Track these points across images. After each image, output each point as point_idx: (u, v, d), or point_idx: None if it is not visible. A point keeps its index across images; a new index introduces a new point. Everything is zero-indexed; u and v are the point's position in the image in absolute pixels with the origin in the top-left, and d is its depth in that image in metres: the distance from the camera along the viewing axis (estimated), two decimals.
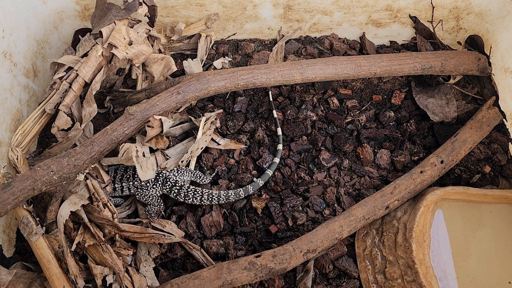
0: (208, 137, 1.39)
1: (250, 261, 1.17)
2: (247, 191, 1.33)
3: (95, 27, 1.36)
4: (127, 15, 1.34)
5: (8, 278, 1.16)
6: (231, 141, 1.43)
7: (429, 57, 1.43)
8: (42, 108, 1.31)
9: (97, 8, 1.37)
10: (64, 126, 1.30)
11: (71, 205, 1.20)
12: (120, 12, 1.34)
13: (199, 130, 1.38)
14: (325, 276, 1.30)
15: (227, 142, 1.42)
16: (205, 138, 1.38)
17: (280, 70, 1.35)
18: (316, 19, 1.57)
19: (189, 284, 1.14)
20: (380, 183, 1.42)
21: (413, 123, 1.50)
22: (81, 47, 1.35)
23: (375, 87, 1.56)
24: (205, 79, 1.31)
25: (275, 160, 1.39)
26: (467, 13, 1.53)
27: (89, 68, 1.29)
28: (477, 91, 1.56)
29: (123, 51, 1.31)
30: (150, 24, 1.44)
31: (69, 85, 1.30)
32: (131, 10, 1.34)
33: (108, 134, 1.23)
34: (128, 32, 1.33)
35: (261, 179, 1.36)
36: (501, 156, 1.45)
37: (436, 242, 1.25)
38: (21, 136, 1.27)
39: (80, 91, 1.31)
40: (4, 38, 1.30)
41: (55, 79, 1.30)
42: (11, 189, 1.10)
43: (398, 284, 1.21)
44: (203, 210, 1.36)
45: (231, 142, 1.43)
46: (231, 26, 1.59)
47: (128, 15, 1.34)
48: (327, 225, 1.25)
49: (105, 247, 1.21)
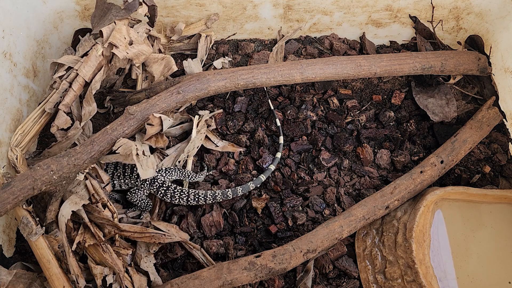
0: (203, 135, 1.38)
1: (250, 261, 1.17)
2: (235, 192, 1.32)
3: (95, 27, 1.36)
4: (127, 15, 1.34)
5: (8, 278, 1.16)
6: (229, 143, 1.43)
7: (429, 57, 1.43)
8: (42, 108, 1.31)
9: (97, 8, 1.37)
10: (63, 126, 1.30)
11: (72, 204, 1.20)
12: (120, 12, 1.34)
13: (193, 129, 1.38)
14: (325, 276, 1.30)
15: (225, 144, 1.43)
16: (200, 136, 1.37)
17: (280, 70, 1.35)
18: (316, 19, 1.57)
19: (189, 284, 1.14)
20: (380, 183, 1.42)
21: (413, 123, 1.50)
22: (81, 47, 1.35)
23: (375, 87, 1.56)
24: (205, 79, 1.31)
25: (270, 167, 1.38)
26: (467, 13, 1.53)
27: (89, 67, 1.29)
28: (477, 91, 1.56)
29: (123, 50, 1.31)
30: (150, 24, 1.44)
31: (69, 84, 1.30)
32: (131, 10, 1.34)
33: (108, 134, 1.23)
34: (128, 32, 1.33)
35: (242, 188, 1.33)
36: (501, 156, 1.45)
37: (436, 242, 1.25)
38: (21, 136, 1.27)
39: (80, 91, 1.31)
40: (4, 38, 1.30)
41: (55, 78, 1.30)
42: (11, 189, 1.10)
43: (398, 284, 1.21)
44: (203, 210, 1.36)
45: (228, 144, 1.43)
46: (231, 26, 1.59)
47: (128, 15, 1.35)
48: (327, 225, 1.25)
49: (105, 247, 1.21)
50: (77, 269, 1.17)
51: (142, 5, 1.38)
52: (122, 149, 1.21)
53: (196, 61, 1.53)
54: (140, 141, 1.31)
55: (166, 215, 1.35)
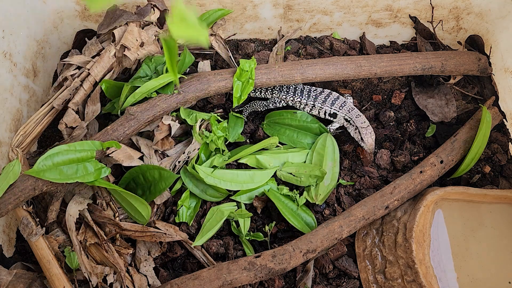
0: (203, 136, 1.38)
1: (250, 261, 1.18)
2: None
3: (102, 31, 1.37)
4: (139, 20, 1.36)
5: (8, 278, 1.16)
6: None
7: (429, 57, 1.43)
8: (44, 109, 1.32)
9: (106, 17, 1.39)
10: (72, 124, 1.30)
11: (77, 204, 1.21)
12: (132, 17, 1.35)
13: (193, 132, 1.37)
14: (325, 276, 1.30)
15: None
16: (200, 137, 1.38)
17: (280, 70, 1.35)
18: (316, 19, 1.57)
19: (189, 284, 1.14)
20: (380, 183, 1.43)
21: (413, 123, 1.50)
22: (87, 50, 1.36)
23: (375, 87, 1.56)
24: (205, 79, 1.32)
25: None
26: (467, 13, 1.54)
27: (101, 68, 1.31)
28: (477, 91, 1.56)
29: (134, 52, 1.32)
30: (160, 25, 1.45)
31: (80, 83, 1.31)
32: (143, 16, 1.36)
33: (109, 134, 1.23)
34: (140, 34, 1.34)
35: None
36: (501, 156, 1.45)
37: (436, 242, 1.25)
38: (22, 136, 1.28)
39: (90, 90, 1.33)
40: (4, 38, 1.30)
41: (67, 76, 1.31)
42: (12, 189, 1.11)
43: (398, 284, 1.21)
44: (203, 210, 1.36)
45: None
46: (231, 26, 1.59)
47: (140, 20, 1.36)
48: (327, 225, 1.25)
49: (107, 246, 1.21)
50: (89, 266, 1.18)
51: (155, 10, 1.39)
52: None
53: (207, 62, 1.52)
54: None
55: (165, 214, 1.35)
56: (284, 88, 1.43)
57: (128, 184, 1.30)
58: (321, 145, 1.38)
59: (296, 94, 1.41)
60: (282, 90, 1.42)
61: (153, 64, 1.33)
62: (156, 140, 1.32)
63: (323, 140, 1.39)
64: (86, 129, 1.31)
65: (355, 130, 1.38)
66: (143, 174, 1.28)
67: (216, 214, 1.32)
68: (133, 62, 1.37)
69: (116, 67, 1.35)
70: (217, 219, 1.31)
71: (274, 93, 1.43)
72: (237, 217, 1.31)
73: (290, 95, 1.41)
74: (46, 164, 1.11)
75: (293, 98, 1.41)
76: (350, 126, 1.40)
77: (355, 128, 1.38)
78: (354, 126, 1.38)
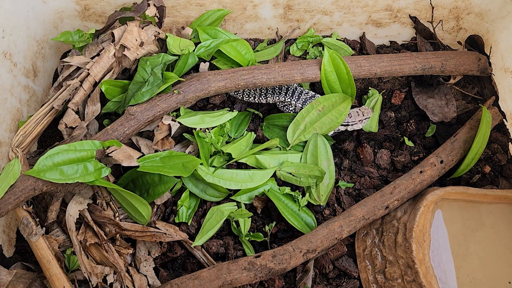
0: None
1: (250, 261, 1.18)
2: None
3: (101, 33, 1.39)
4: (136, 16, 1.36)
5: (8, 278, 1.16)
6: None
7: (429, 57, 1.43)
8: (44, 109, 1.32)
9: (107, 22, 1.40)
10: (72, 124, 1.31)
11: (78, 204, 1.21)
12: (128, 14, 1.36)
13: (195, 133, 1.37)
14: (325, 276, 1.30)
15: None
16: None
17: (280, 70, 1.35)
18: (316, 19, 1.57)
19: (189, 284, 1.14)
20: (380, 183, 1.42)
21: (413, 123, 1.50)
22: (87, 51, 1.36)
23: (375, 87, 1.56)
24: (205, 79, 1.32)
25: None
26: (467, 13, 1.54)
27: (100, 68, 1.31)
28: (477, 91, 1.56)
29: (134, 52, 1.33)
30: (159, 24, 1.45)
31: (80, 83, 1.31)
32: (139, 12, 1.36)
33: (109, 134, 1.23)
34: (139, 34, 1.34)
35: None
36: (501, 156, 1.45)
37: (436, 242, 1.25)
38: (22, 136, 1.28)
39: (90, 90, 1.33)
40: (4, 38, 1.30)
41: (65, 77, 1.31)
42: (12, 189, 1.11)
43: (398, 284, 1.22)
44: (203, 210, 1.36)
45: None
46: (231, 26, 1.59)
47: (136, 16, 1.36)
48: (327, 225, 1.25)
49: (107, 246, 1.21)
50: (89, 266, 1.18)
51: (151, 6, 1.39)
52: None
53: (208, 63, 1.52)
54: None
55: (165, 214, 1.36)
56: (276, 90, 1.43)
57: (126, 185, 1.30)
58: (313, 146, 1.38)
59: (287, 95, 1.42)
60: (275, 92, 1.43)
61: (148, 66, 1.32)
62: (156, 140, 1.32)
63: (314, 141, 1.39)
64: (86, 129, 1.31)
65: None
66: (142, 176, 1.28)
67: (216, 214, 1.32)
68: (133, 62, 1.38)
69: (116, 67, 1.35)
70: (217, 219, 1.31)
71: (268, 96, 1.43)
72: (237, 217, 1.31)
73: (282, 96, 1.42)
74: (46, 164, 1.11)
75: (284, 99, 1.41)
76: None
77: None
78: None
